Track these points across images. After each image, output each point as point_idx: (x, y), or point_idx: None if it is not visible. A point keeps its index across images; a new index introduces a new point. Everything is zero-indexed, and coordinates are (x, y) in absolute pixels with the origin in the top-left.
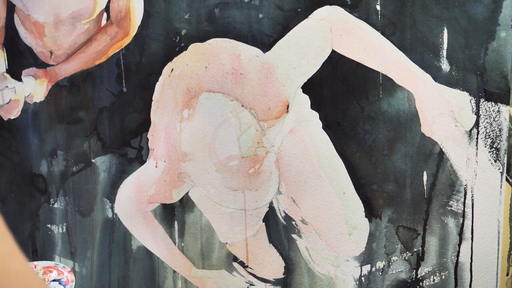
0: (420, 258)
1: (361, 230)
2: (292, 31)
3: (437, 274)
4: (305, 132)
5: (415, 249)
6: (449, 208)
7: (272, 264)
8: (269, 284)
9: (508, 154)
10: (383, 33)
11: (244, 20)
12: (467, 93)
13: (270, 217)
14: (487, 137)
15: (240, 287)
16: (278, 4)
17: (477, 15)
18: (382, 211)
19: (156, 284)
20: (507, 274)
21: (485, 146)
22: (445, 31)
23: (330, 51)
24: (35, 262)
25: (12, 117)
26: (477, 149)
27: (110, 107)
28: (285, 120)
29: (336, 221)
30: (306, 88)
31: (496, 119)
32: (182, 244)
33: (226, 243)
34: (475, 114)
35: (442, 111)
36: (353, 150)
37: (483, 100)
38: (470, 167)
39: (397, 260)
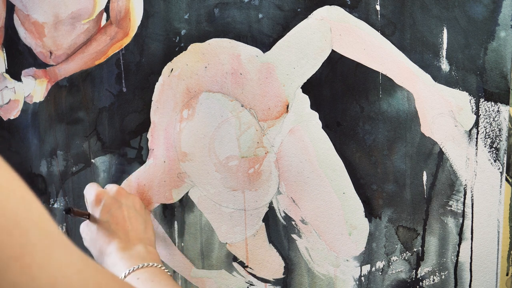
0: (420, 258)
1: (361, 230)
2: (292, 31)
3: (436, 274)
4: (305, 132)
5: (415, 249)
6: (448, 208)
7: (272, 264)
8: (269, 284)
9: (508, 154)
10: (382, 33)
11: (244, 20)
12: (467, 93)
13: (270, 217)
14: (487, 137)
15: (240, 287)
16: (278, 4)
17: (476, 15)
18: (382, 211)
19: None
20: (507, 274)
21: (485, 146)
22: (445, 31)
23: (330, 51)
24: None
25: (12, 117)
26: (476, 149)
27: (110, 107)
28: (285, 120)
29: (336, 221)
30: (306, 88)
31: (495, 119)
32: (182, 244)
33: (226, 243)
34: (474, 114)
35: (441, 111)
36: (353, 150)
37: (483, 100)
38: (469, 167)
39: (397, 260)
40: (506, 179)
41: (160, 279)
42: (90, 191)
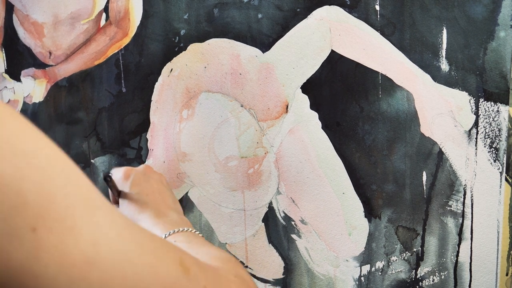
0: (419, 258)
1: (360, 230)
2: (291, 31)
3: (436, 274)
4: (305, 132)
5: (415, 249)
6: (448, 208)
7: (271, 264)
8: (269, 284)
9: (507, 154)
10: (382, 33)
11: (243, 20)
12: (467, 93)
13: (269, 218)
14: (487, 137)
15: None
16: (277, 4)
17: (476, 15)
18: (382, 211)
19: None
20: (507, 274)
21: (485, 146)
22: (444, 31)
23: (329, 51)
24: None
25: None
26: (476, 149)
27: (109, 107)
28: (285, 120)
29: (335, 221)
30: (305, 88)
31: (495, 119)
32: None
33: (226, 243)
34: (474, 114)
35: (441, 111)
36: (353, 150)
37: (483, 100)
38: (469, 167)
39: (396, 260)
40: (506, 179)
41: (196, 241)
42: (118, 170)
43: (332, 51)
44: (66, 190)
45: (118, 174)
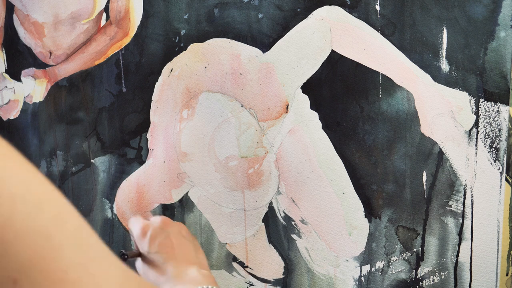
0: (419, 258)
1: (360, 230)
2: (292, 31)
3: (436, 274)
4: (305, 132)
5: (415, 249)
6: (448, 208)
7: (271, 264)
8: (269, 284)
9: (507, 154)
10: (382, 33)
11: (244, 20)
12: (467, 93)
13: (269, 217)
14: (487, 137)
15: (239, 287)
16: (278, 4)
17: (476, 15)
18: (382, 211)
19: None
20: (507, 274)
21: (485, 146)
22: (445, 31)
23: (330, 51)
24: None
25: (11, 118)
26: (476, 149)
27: (110, 107)
28: (285, 120)
29: (335, 221)
30: (306, 88)
31: (495, 119)
32: None
33: (226, 243)
34: (474, 114)
35: (441, 111)
36: (353, 150)
37: (483, 100)
38: (469, 167)
39: (396, 260)
40: (506, 179)
41: None
42: (135, 226)
43: (332, 51)
44: (56, 239)
45: (135, 230)
